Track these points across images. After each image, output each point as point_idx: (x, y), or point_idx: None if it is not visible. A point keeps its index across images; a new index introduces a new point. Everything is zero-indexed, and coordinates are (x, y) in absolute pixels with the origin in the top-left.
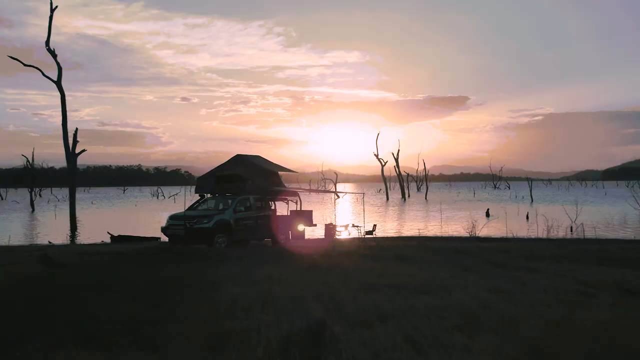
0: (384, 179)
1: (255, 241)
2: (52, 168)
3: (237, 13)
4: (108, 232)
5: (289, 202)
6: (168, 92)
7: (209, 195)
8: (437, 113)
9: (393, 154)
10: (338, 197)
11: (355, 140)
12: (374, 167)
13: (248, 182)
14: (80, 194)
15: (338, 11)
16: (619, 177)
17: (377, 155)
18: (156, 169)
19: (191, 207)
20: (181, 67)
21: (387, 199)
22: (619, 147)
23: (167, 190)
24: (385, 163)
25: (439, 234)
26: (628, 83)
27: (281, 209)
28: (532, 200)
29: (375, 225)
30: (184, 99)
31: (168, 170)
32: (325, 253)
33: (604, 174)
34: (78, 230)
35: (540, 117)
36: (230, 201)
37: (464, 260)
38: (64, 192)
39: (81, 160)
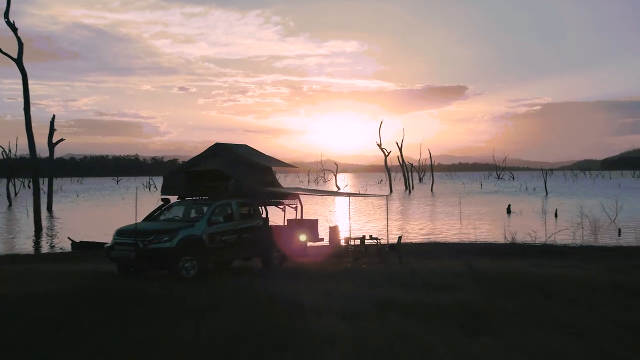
0: (387, 169)
1: (240, 261)
2: (46, 158)
3: (235, 2)
4: (69, 238)
5: (287, 207)
6: (166, 81)
7: (177, 199)
8: (435, 103)
9: (397, 144)
10: (339, 188)
11: (354, 130)
12: (372, 157)
13: (231, 182)
14: (72, 185)
15: (336, 0)
16: (619, 166)
17: (380, 145)
18: (153, 158)
19: (150, 216)
20: (178, 56)
21: (391, 191)
22: (616, 137)
23: (162, 181)
24: (389, 153)
25: (471, 237)
26: (625, 73)
27: (275, 216)
28: (546, 193)
29: (400, 238)
30: (181, 88)
31: (165, 160)
32: (341, 297)
33: (603, 164)
34: (44, 231)
35: (538, 107)
36: (204, 208)
37: (606, 335)
38: (56, 183)
39: (78, 150)
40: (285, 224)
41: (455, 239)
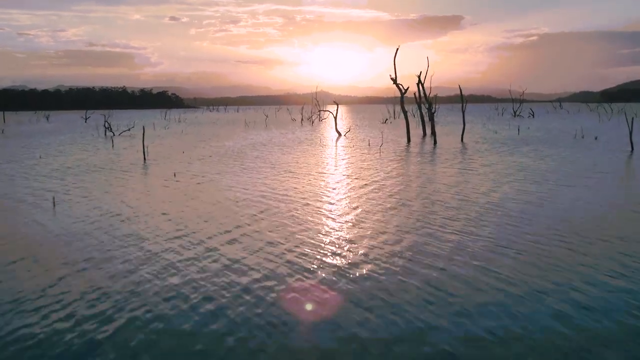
0: (404, 112)
1: None
2: (34, 90)
3: None
4: None
5: None
6: (156, 11)
7: None
8: (430, 33)
9: (419, 77)
10: (340, 134)
11: (347, 61)
12: (365, 89)
13: None
14: (32, 124)
15: None
16: (618, 98)
17: (394, 80)
18: (142, 90)
19: None
20: None
21: (409, 140)
22: (613, 68)
23: (136, 116)
24: (406, 90)
25: None
26: (622, 1)
27: None
28: (632, 148)
29: None
30: (172, 18)
31: (154, 92)
32: None
33: (603, 96)
34: None
35: (534, 38)
36: None
37: None
38: (16, 118)
39: (68, 82)
40: None
41: None
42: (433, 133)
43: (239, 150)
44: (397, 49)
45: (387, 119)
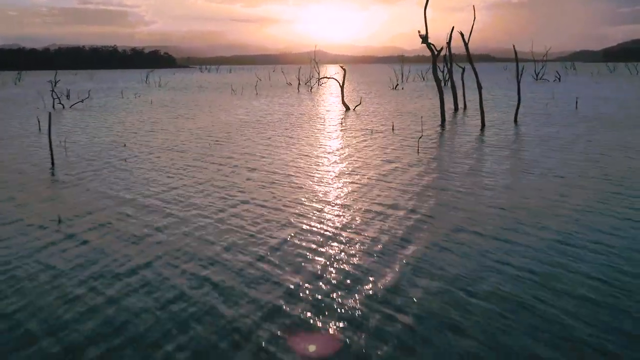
0: (438, 82)
1: None
2: (22, 49)
3: None
4: None
5: None
6: None
7: None
8: None
9: (462, 35)
10: (348, 108)
11: (343, 19)
12: (362, 47)
13: None
14: (6, 88)
15: None
16: (620, 58)
17: (425, 38)
18: (133, 49)
19: None
20: None
21: (443, 120)
22: (613, 27)
23: (119, 78)
24: (439, 52)
25: None
26: None
27: None
28: None
29: None
30: None
31: (147, 51)
32: None
33: (605, 55)
34: None
35: None
36: None
37: None
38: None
39: (62, 40)
40: None
41: None
42: (480, 110)
43: (208, 136)
44: (427, 0)
45: (397, 84)
